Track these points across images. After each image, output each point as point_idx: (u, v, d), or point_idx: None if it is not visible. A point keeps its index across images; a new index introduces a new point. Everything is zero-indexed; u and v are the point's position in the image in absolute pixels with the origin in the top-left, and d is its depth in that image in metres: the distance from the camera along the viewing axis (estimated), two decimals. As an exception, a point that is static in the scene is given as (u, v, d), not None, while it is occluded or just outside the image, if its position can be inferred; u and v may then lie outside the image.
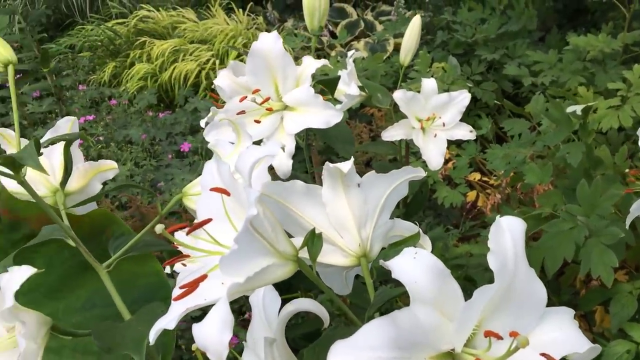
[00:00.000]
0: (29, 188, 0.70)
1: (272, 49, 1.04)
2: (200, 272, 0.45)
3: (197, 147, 2.66)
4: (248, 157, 0.44)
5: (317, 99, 1.02)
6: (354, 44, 3.57)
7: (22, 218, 0.89)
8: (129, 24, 3.79)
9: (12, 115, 2.28)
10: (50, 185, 0.87)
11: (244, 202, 0.46)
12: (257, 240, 0.43)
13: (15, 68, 2.42)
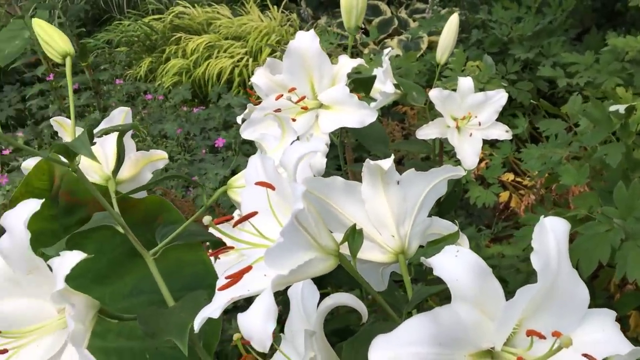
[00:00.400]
0: (82, 175, 0.72)
1: (309, 48, 1.05)
2: (245, 264, 0.46)
3: (231, 142, 2.69)
4: (293, 152, 0.45)
5: (353, 99, 1.02)
6: (387, 41, 3.56)
7: (80, 202, 0.92)
8: (165, 19, 3.84)
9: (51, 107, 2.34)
10: (103, 173, 0.90)
11: (288, 197, 0.47)
12: (301, 234, 0.44)
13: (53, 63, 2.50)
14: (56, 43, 0.81)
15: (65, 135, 0.98)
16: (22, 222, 0.57)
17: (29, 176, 0.94)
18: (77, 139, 0.67)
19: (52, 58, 0.83)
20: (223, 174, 2.39)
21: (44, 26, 0.82)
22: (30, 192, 0.93)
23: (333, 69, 1.07)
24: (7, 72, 3.75)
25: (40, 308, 0.62)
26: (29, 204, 0.59)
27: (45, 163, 0.94)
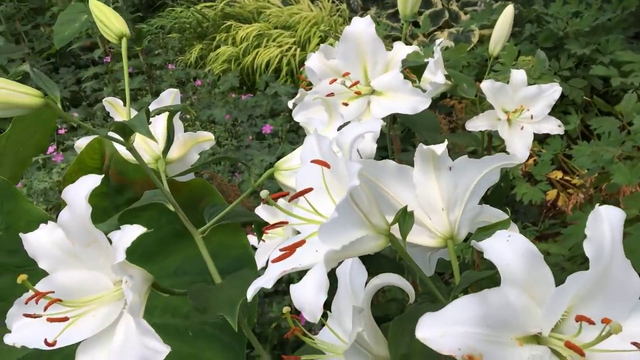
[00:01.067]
0: (136, 154, 0.75)
1: (364, 33, 1.05)
2: (298, 239, 0.48)
3: (277, 130, 2.72)
4: (350, 132, 0.46)
5: (406, 85, 1.02)
6: (437, 34, 3.52)
7: (129, 182, 0.95)
8: (217, 7, 3.89)
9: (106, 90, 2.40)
10: (153, 153, 0.93)
11: (342, 176, 0.49)
12: (354, 211, 0.45)
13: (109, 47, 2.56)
14: (112, 24, 0.84)
15: (117, 115, 1.01)
16: (83, 196, 0.59)
17: (81, 154, 0.98)
18: (135, 118, 0.70)
19: (108, 39, 0.86)
20: (269, 161, 2.42)
21: (101, 7, 0.84)
22: (82, 169, 0.97)
23: (387, 55, 1.07)
24: (64, 54, 3.88)
25: (97, 280, 0.65)
26: (89, 179, 0.61)
27: (97, 142, 0.98)
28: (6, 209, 0.94)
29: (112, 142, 0.91)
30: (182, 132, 1.01)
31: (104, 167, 0.98)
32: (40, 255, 0.65)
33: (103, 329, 0.59)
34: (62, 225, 0.63)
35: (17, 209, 0.94)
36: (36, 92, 0.70)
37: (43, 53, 3.80)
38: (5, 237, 0.94)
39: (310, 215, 0.49)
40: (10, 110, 0.68)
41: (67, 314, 0.61)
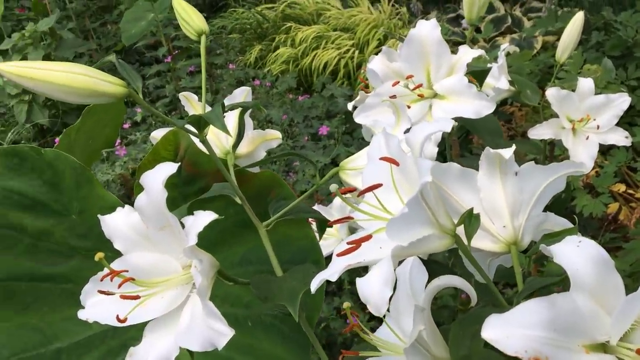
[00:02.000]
0: (209, 146, 0.78)
1: (429, 36, 1.05)
2: (364, 233, 0.49)
3: (333, 131, 2.74)
4: (421, 130, 0.47)
5: (471, 89, 1.02)
6: (498, 39, 3.46)
7: (200, 173, 0.99)
8: (277, 9, 3.95)
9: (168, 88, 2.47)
10: (223, 148, 0.96)
11: (410, 174, 0.49)
12: (423, 208, 0.46)
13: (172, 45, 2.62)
14: (194, 21, 0.87)
15: (192, 109, 1.04)
16: (160, 181, 0.62)
17: (157, 145, 1.02)
18: (212, 112, 0.72)
19: (187, 34, 0.89)
20: (324, 162, 2.44)
21: (183, 4, 0.88)
22: (157, 160, 1.01)
23: (452, 58, 1.07)
24: (129, 52, 4.01)
25: (168, 263, 0.68)
26: (166, 166, 0.64)
27: (172, 134, 1.02)
28: (82, 194, 0.98)
29: (188, 135, 0.95)
30: (251, 129, 1.04)
31: (178, 157, 1.01)
32: (116, 237, 0.68)
33: (171, 310, 0.61)
34: (138, 209, 0.66)
35: (91, 195, 0.98)
36: (119, 81, 0.74)
37: (109, 50, 3.95)
38: (78, 221, 0.98)
39: (376, 211, 0.50)
40: (95, 98, 0.72)
41: (139, 292, 0.64)
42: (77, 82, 0.69)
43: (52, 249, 0.98)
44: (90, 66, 0.75)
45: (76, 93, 0.70)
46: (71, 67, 0.70)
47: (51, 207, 0.98)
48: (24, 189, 0.97)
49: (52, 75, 0.68)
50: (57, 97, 0.71)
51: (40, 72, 0.68)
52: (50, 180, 0.98)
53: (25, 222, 0.97)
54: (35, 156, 0.98)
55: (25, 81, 0.68)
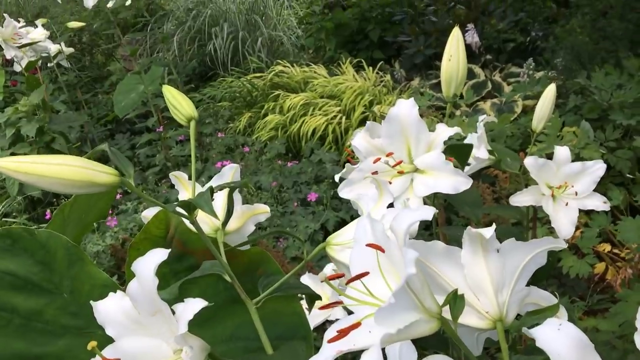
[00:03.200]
0: (198, 227, 0.80)
1: (408, 115, 1.10)
2: (353, 320, 0.51)
3: (322, 196, 2.78)
4: (404, 218, 0.50)
5: (447, 166, 1.06)
6: (480, 104, 3.58)
7: (190, 251, 1.01)
8: (266, 77, 4.06)
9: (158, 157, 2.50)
10: (213, 225, 0.98)
11: (395, 259, 0.52)
12: (409, 297, 0.48)
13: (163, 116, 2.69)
14: (183, 108, 0.91)
15: (182, 188, 1.07)
16: (151, 269, 0.64)
17: (148, 224, 1.04)
18: (200, 197, 0.75)
19: (178, 120, 0.93)
20: (313, 228, 2.46)
21: (173, 92, 0.92)
22: (148, 238, 1.03)
23: (430, 136, 1.12)
24: (119, 121, 4.08)
25: (159, 347, 0.69)
26: (157, 254, 0.67)
27: (162, 213, 1.04)
28: (73, 273, 0.99)
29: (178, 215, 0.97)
30: (240, 204, 1.07)
31: (168, 236, 1.03)
32: (108, 323, 0.70)
33: (162, 394, 0.62)
34: (130, 295, 0.67)
35: (83, 273, 0.99)
36: (113, 171, 0.76)
37: (100, 120, 4.02)
38: (69, 300, 0.99)
39: (364, 297, 0.52)
40: (90, 188, 0.74)
41: (127, 380, 0.65)
42: (73, 174, 0.71)
43: (43, 328, 0.98)
44: (82, 135, 0.78)
45: (72, 185, 0.73)
46: (66, 160, 0.73)
47: (43, 287, 0.98)
48: (16, 269, 0.98)
49: (47, 169, 0.71)
50: (54, 190, 0.74)
51: (35, 166, 0.70)
52: (43, 260, 0.99)
53: (16, 302, 0.97)
54: (28, 237, 0.99)
55: (21, 176, 0.70)
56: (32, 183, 0.71)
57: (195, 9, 4.66)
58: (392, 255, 0.52)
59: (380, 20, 4.43)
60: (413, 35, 4.09)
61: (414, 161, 1.12)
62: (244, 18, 4.65)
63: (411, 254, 0.45)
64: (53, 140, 2.81)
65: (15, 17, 3.53)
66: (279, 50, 4.80)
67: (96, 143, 3.62)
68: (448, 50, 1.21)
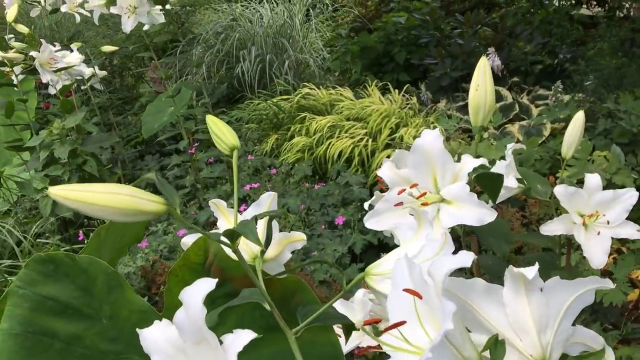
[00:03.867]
0: (240, 256, 0.82)
1: (434, 146, 1.11)
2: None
3: (349, 219, 2.78)
4: (443, 265, 0.51)
5: (472, 197, 1.06)
6: (507, 126, 3.56)
7: (228, 277, 1.02)
8: (293, 100, 4.11)
9: (188, 179, 2.53)
10: (251, 252, 1.00)
11: (434, 305, 0.53)
12: (448, 349, 0.49)
13: (193, 138, 2.73)
14: (226, 137, 0.93)
15: (221, 216, 1.09)
16: (199, 299, 0.66)
17: (187, 251, 1.06)
18: (245, 226, 0.77)
19: (220, 149, 0.95)
20: (340, 251, 2.47)
21: (217, 122, 0.94)
22: (187, 265, 1.05)
23: (455, 166, 1.12)
24: (149, 143, 4.16)
25: (202, 376, 0.70)
26: (204, 283, 0.68)
27: (202, 241, 1.06)
28: (112, 299, 1.01)
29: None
30: (277, 232, 1.09)
31: (207, 263, 1.05)
32: (153, 351, 0.71)
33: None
34: (176, 324, 0.69)
35: (122, 299, 1.01)
36: (160, 199, 0.78)
37: (130, 141, 4.09)
38: (108, 325, 1.01)
39: (400, 343, 0.53)
40: (138, 217, 0.76)
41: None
42: (122, 203, 0.74)
43: (83, 353, 1.00)
44: (113, 156, 0.81)
45: (120, 213, 0.75)
46: (116, 188, 0.75)
47: (83, 312, 1.01)
48: (57, 294, 1.00)
49: (97, 198, 0.73)
50: (102, 217, 0.76)
51: (87, 194, 0.73)
52: (83, 286, 1.02)
53: (57, 327, 0.99)
54: (70, 262, 1.02)
55: (71, 203, 0.73)
56: (82, 211, 0.74)
57: (224, 32, 4.75)
58: (431, 301, 0.53)
59: (405, 43, 4.46)
60: (439, 57, 4.11)
61: (440, 191, 1.13)
62: (271, 41, 4.72)
63: (450, 306, 0.46)
64: (85, 162, 2.87)
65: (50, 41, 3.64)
66: (305, 73, 4.86)
67: (126, 164, 3.69)
68: (475, 79, 1.22)
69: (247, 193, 2.99)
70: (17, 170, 3.13)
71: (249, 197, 2.99)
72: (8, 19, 2.83)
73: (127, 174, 3.63)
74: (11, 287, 0.95)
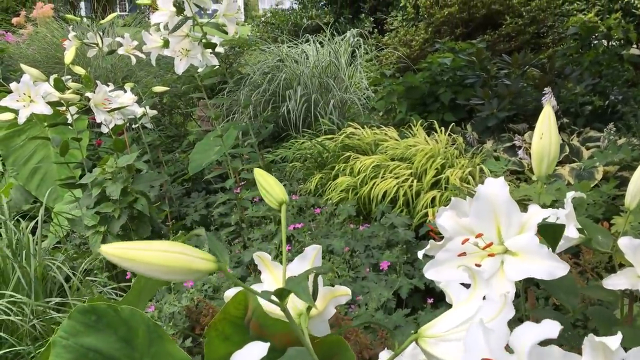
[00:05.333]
0: (289, 315, 0.80)
1: (499, 195, 1.08)
2: None
3: (394, 262, 2.74)
4: (527, 336, 0.48)
5: (543, 249, 1.02)
6: (558, 169, 3.48)
7: (267, 334, 1.00)
8: (337, 139, 4.12)
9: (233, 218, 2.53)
10: (296, 309, 0.98)
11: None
12: None
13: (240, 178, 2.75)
14: (275, 191, 0.92)
15: (264, 268, 1.07)
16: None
17: (228, 304, 1.05)
18: (297, 284, 0.76)
19: (269, 204, 0.94)
20: (386, 296, 2.42)
21: (265, 176, 0.94)
22: (227, 319, 1.04)
23: (522, 217, 1.08)
24: (196, 180, 4.22)
25: None
26: (257, 349, 0.67)
27: (242, 295, 1.04)
28: (153, 351, 1.01)
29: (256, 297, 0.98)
30: (322, 286, 1.07)
31: (246, 318, 1.04)
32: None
33: None
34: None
35: (162, 351, 1.00)
36: (211, 257, 0.78)
37: (177, 179, 4.17)
38: (149, 377, 1.00)
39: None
40: (190, 275, 0.76)
41: None
42: (175, 261, 0.74)
43: (124, 403, 1.00)
44: (161, 193, 0.81)
45: (173, 272, 0.75)
46: (169, 246, 0.76)
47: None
48: (99, 346, 1.00)
49: (151, 256, 0.74)
50: (154, 276, 0.76)
51: (140, 253, 0.73)
52: (125, 337, 1.01)
53: (99, 379, 0.99)
54: (112, 313, 1.02)
55: (125, 262, 0.73)
56: (136, 270, 0.74)
57: (271, 72, 4.83)
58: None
59: (451, 83, 4.45)
60: (486, 98, 4.07)
61: (504, 242, 1.09)
62: (316, 81, 4.77)
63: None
64: (135, 200, 2.93)
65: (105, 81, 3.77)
66: (350, 112, 4.88)
67: (173, 201, 3.75)
68: (539, 128, 1.19)
69: (291, 233, 2.98)
70: (69, 207, 3.21)
71: (292, 238, 2.99)
72: (66, 61, 2.94)
73: (174, 211, 3.68)
74: (55, 337, 0.95)
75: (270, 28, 7.83)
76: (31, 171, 3.66)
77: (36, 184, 3.62)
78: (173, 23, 2.78)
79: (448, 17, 6.21)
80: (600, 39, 4.62)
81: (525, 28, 6.07)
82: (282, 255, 0.97)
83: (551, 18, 5.99)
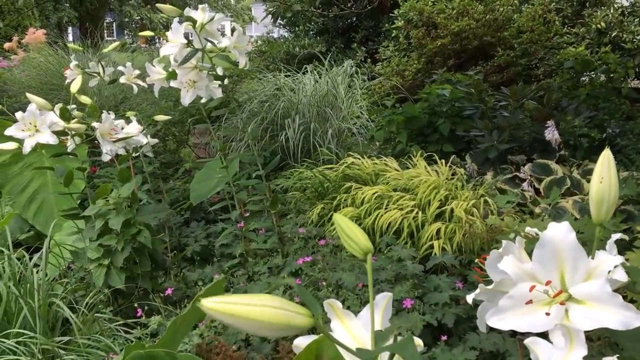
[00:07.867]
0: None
1: (564, 241, 1.06)
2: None
3: (404, 297, 2.70)
4: None
5: (615, 298, 1.00)
6: (561, 201, 3.49)
7: None
8: (338, 169, 4.10)
9: (237, 250, 2.45)
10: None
11: None
12: None
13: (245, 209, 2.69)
14: (359, 239, 0.89)
15: (334, 316, 1.04)
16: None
17: (299, 355, 1.01)
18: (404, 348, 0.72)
19: (352, 252, 0.91)
20: (404, 334, 2.38)
21: (349, 224, 0.91)
22: (298, 368, 1.00)
23: (589, 263, 1.06)
24: (194, 209, 4.15)
25: None
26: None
27: (315, 344, 1.01)
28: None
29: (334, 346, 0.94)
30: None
31: (322, 367, 1.00)
32: None
33: None
34: None
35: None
36: (306, 311, 0.75)
37: (175, 208, 4.10)
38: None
39: None
40: (287, 331, 0.72)
41: None
42: (277, 318, 0.71)
43: None
44: (161, 223, 0.77)
45: (272, 328, 0.72)
46: (268, 301, 0.72)
47: (180, 411, 0.97)
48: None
49: (253, 312, 0.70)
50: (253, 332, 0.73)
51: (243, 309, 0.70)
52: (183, 383, 0.98)
53: None
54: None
55: (226, 317, 0.70)
56: (236, 325, 0.70)
57: (269, 101, 4.82)
58: None
59: (450, 115, 4.48)
60: (486, 130, 4.10)
61: (568, 289, 1.07)
62: (314, 110, 4.77)
63: None
64: (139, 232, 2.86)
65: (100, 108, 3.71)
66: (348, 142, 4.88)
67: (173, 231, 3.68)
68: (599, 171, 1.18)
69: (299, 267, 2.94)
70: (72, 240, 3.13)
71: (301, 271, 2.94)
72: (72, 90, 2.90)
73: (174, 241, 3.61)
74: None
75: (264, 57, 7.86)
76: (28, 199, 3.57)
77: (33, 213, 3.54)
78: (182, 55, 2.75)
79: (440, 48, 6.28)
80: (597, 73, 4.69)
81: (516, 60, 6.17)
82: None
83: (542, 50, 6.10)
